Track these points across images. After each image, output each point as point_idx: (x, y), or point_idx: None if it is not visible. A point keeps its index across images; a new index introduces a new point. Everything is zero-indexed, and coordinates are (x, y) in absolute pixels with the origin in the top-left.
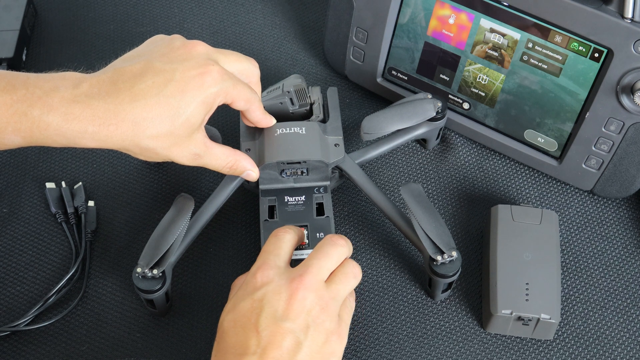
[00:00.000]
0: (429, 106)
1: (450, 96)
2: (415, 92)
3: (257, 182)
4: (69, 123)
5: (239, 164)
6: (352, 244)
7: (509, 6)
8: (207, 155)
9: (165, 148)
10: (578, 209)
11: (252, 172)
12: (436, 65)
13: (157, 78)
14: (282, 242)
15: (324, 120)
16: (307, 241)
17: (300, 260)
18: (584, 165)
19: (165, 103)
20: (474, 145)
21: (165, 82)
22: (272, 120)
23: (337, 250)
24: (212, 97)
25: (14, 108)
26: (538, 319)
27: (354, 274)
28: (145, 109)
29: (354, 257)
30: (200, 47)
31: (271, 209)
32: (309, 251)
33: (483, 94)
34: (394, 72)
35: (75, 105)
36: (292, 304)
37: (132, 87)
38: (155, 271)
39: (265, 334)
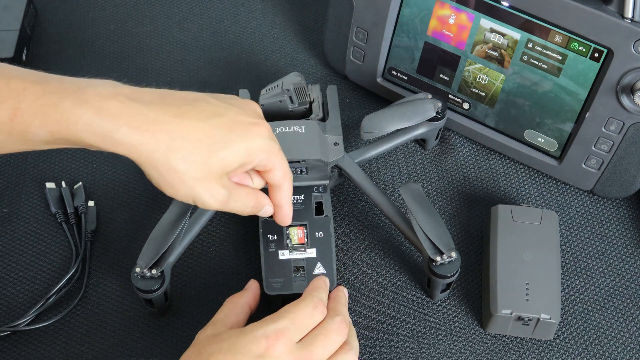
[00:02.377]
0: (429, 106)
1: (450, 96)
2: (415, 92)
3: None
4: (101, 118)
5: (260, 205)
6: (352, 244)
7: (509, 6)
8: (233, 197)
9: (193, 178)
10: (578, 209)
11: (270, 207)
12: (436, 65)
13: (208, 107)
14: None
15: (323, 119)
16: (306, 240)
17: (301, 259)
18: (584, 165)
19: (209, 131)
20: (474, 145)
21: (215, 114)
22: (290, 218)
23: (314, 313)
24: (256, 148)
25: (44, 99)
26: (538, 319)
27: (338, 333)
28: (187, 129)
29: (354, 257)
30: (257, 107)
31: None
32: (309, 250)
33: (483, 94)
34: (394, 72)
35: (112, 101)
36: None
37: (180, 106)
38: (154, 271)
39: None
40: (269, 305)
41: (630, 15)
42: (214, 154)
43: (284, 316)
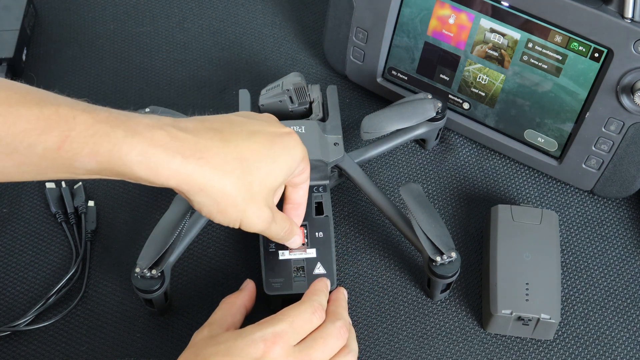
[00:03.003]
0: (429, 106)
1: (450, 96)
2: (415, 92)
3: None
4: (155, 148)
5: (293, 232)
6: (352, 244)
7: (509, 6)
8: (275, 219)
9: (244, 200)
10: (578, 209)
11: (299, 238)
12: (436, 65)
13: (245, 127)
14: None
15: (323, 119)
16: (306, 240)
17: (301, 259)
18: (584, 165)
19: (255, 150)
20: (474, 145)
21: (253, 132)
22: (298, 239)
23: (312, 317)
24: (298, 157)
25: (95, 128)
26: (538, 319)
27: (337, 337)
28: (236, 150)
29: (354, 258)
30: (274, 117)
31: None
32: (309, 250)
33: (483, 94)
34: (394, 72)
35: (160, 131)
36: None
37: (222, 130)
38: (154, 271)
39: None
40: (269, 306)
41: (630, 15)
42: (262, 170)
43: (283, 319)
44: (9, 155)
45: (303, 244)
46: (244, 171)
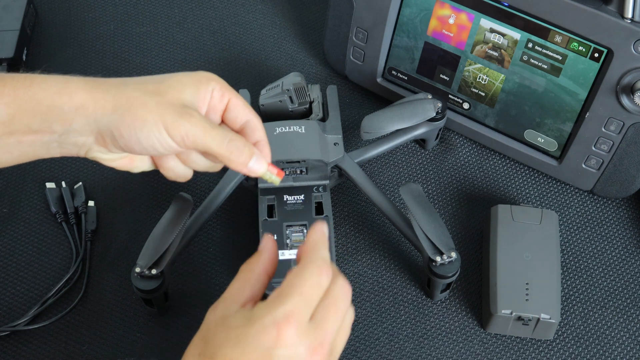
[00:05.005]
0: (429, 106)
1: (450, 96)
2: (415, 92)
3: (256, 181)
4: (54, 76)
5: (240, 146)
6: (352, 244)
7: (509, 6)
8: (207, 121)
9: (158, 103)
10: (578, 209)
11: (260, 160)
12: (436, 65)
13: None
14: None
15: (323, 119)
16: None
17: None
18: (584, 165)
19: (159, 80)
20: (474, 145)
21: (163, 76)
22: (261, 161)
23: (320, 280)
24: (205, 77)
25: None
26: (538, 319)
27: (343, 297)
28: (142, 82)
29: (354, 258)
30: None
31: (270, 208)
32: None
33: (483, 94)
34: (394, 72)
35: (69, 77)
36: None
37: (137, 82)
38: (154, 271)
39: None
40: None
41: (630, 15)
42: (169, 90)
43: (291, 293)
44: None
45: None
46: (150, 92)
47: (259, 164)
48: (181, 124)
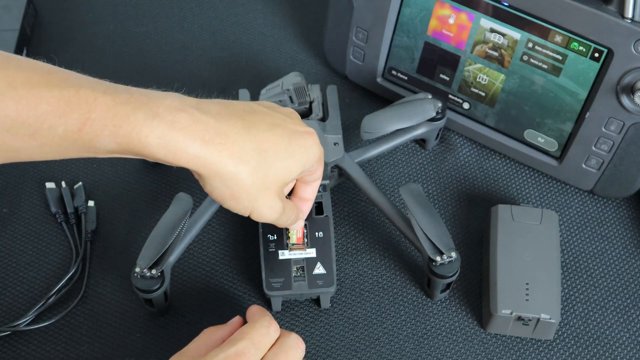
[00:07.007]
0: (429, 106)
1: (450, 96)
2: (415, 92)
3: None
4: (174, 132)
5: (298, 218)
6: (352, 244)
7: (509, 6)
8: (284, 210)
9: (257, 190)
10: (578, 209)
11: (302, 222)
12: (436, 65)
13: (267, 118)
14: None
15: (323, 119)
16: (306, 240)
17: (301, 259)
18: (584, 165)
19: (274, 142)
20: (474, 145)
21: (275, 124)
22: (301, 223)
23: (269, 330)
24: (313, 156)
25: (115, 110)
26: (538, 319)
27: (295, 348)
28: (256, 140)
29: (354, 258)
30: (296, 113)
31: None
32: (309, 250)
33: (483, 94)
34: (394, 72)
35: (182, 114)
36: None
37: (244, 118)
38: (154, 271)
39: None
40: (269, 305)
41: (630, 15)
42: (278, 163)
43: (242, 337)
44: (31, 136)
45: (299, 242)
46: (261, 162)
47: (298, 227)
48: (264, 212)
